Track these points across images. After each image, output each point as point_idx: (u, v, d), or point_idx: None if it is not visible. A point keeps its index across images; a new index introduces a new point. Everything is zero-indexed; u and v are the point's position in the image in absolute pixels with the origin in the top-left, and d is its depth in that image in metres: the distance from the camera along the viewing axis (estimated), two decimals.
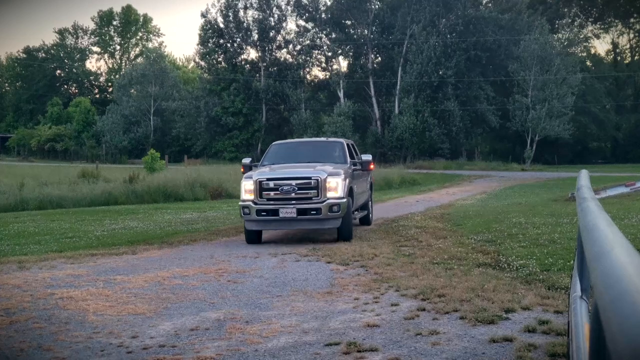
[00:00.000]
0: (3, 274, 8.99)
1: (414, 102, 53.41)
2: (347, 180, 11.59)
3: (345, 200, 11.25)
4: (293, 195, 11.27)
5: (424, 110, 53.51)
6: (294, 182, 11.30)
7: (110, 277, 8.62)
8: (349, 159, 12.80)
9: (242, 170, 13.01)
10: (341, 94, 58.78)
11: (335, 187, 11.25)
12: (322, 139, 16.21)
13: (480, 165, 50.88)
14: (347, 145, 13.68)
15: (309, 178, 11.31)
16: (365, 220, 14.24)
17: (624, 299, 1.00)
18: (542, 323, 5.55)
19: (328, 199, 11.17)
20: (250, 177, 11.54)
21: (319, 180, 11.20)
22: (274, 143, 14.51)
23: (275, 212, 11.25)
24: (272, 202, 11.34)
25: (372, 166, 13.34)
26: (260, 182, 11.36)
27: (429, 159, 52.52)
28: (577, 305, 2.87)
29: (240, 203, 11.57)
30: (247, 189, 11.48)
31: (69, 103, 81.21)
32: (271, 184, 11.37)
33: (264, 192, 11.33)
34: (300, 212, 11.18)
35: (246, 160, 13.28)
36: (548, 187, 28.29)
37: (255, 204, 11.30)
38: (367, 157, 13.20)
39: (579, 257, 3.37)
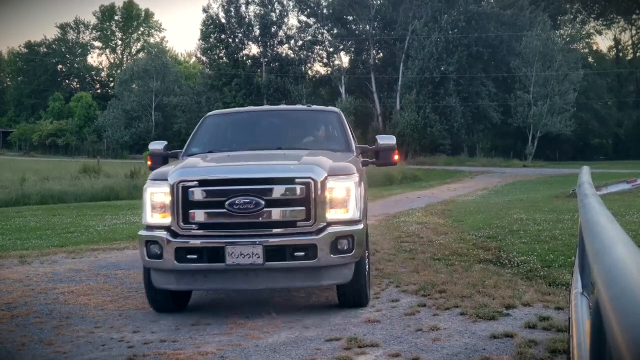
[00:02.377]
0: (4, 269, 9.01)
1: (416, 98, 53.33)
2: (362, 185, 6.42)
3: (362, 225, 6.05)
4: (256, 216, 5.78)
5: (425, 106, 53.43)
6: (257, 188, 5.79)
7: (112, 271, 8.63)
8: (353, 143, 7.68)
9: (148, 163, 7.70)
10: (342, 90, 58.72)
11: (345, 198, 5.95)
12: (302, 107, 9.06)
13: (482, 161, 50.83)
14: (345, 117, 8.36)
15: (291, 180, 5.83)
16: None
17: (624, 295, 1.00)
18: (542, 319, 5.55)
19: (330, 223, 5.85)
20: (164, 179, 5.99)
21: (311, 183, 5.78)
22: (209, 114, 8.52)
23: (216, 255, 5.76)
24: (209, 233, 5.88)
25: (396, 157, 7.78)
26: (186, 188, 5.83)
27: (430, 155, 52.50)
28: (578, 302, 2.87)
29: (142, 234, 5.99)
30: (155, 202, 6.01)
31: (70, 98, 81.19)
32: (209, 192, 5.86)
33: (193, 211, 5.85)
34: (272, 253, 5.71)
35: (157, 146, 7.65)
36: (549, 183, 28.27)
37: (175, 235, 5.84)
38: (387, 139, 7.72)
39: (580, 253, 3.37)
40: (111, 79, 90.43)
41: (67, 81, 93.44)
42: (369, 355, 4.83)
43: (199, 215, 5.87)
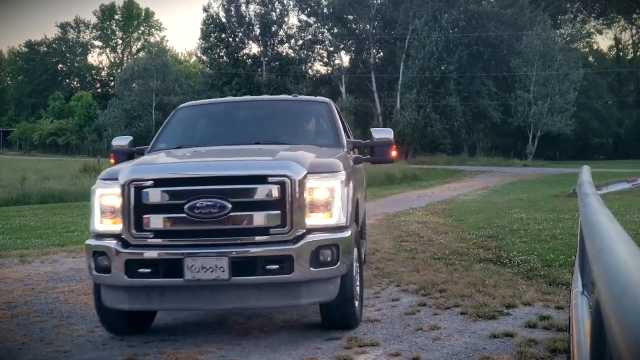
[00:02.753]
0: (5, 268, 9.01)
1: (416, 98, 53.32)
2: (351, 184, 5.42)
3: (349, 233, 5.15)
4: (221, 222, 4.91)
5: (425, 106, 53.42)
6: (222, 189, 4.94)
7: None
8: (344, 137, 6.68)
9: (111, 161, 6.65)
10: (343, 89, 58.72)
11: (328, 200, 5.07)
12: (288, 97, 8.11)
13: (482, 160, 50.82)
14: (337, 110, 7.33)
15: (263, 179, 4.98)
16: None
17: (625, 294, 1.00)
18: (543, 319, 5.55)
19: (310, 230, 5.01)
20: (115, 178, 5.15)
21: (287, 183, 4.93)
22: (182, 105, 7.55)
23: (174, 269, 4.92)
24: (166, 242, 5.04)
25: (394, 153, 6.73)
26: (139, 188, 5.00)
27: (430, 155, 52.48)
28: (578, 301, 2.87)
29: (90, 243, 5.18)
30: (105, 206, 5.16)
31: (70, 97, 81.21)
32: (166, 193, 5.01)
33: (147, 216, 4.99)
34: (240, 266, 4.88)
35: (121, 141, 6.89)
36: (549, 182, 28.27)
37: (126, 245, 5.02)
38: (384, 133, 6.70)
39: (580, 253, 3.37)
40: (111, 78, 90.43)
41: (67, 80, 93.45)
42: (369, 355, 4.83)
43: (154, 221, 4.95)
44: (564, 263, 7.88)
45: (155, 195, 4.99)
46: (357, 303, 5.53)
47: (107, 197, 5.15)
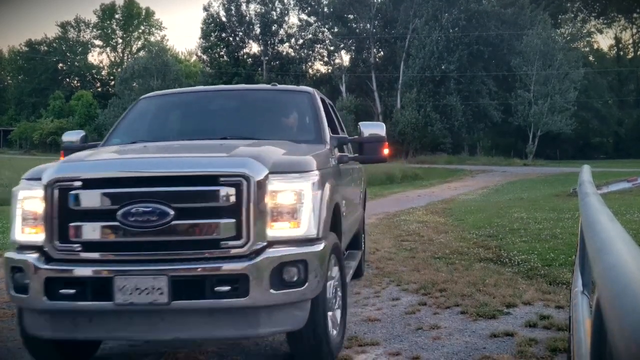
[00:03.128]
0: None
1: (416, 97, 53.36)
2: (327, 187, 4.54)
3: (322, 246, 4.26)
4: (160, 232, 3.99)
5: (426, 105, 53.45)
6: (163, 192, 4.04)
7: None
8: (327, 133, 5.68)
9: (61, 157, 5.56)
10: (343, 89, 58.75)
11: (295, 205, 4.21)
12: (266, 86, 7.26)
13: (482, 160, 50.83)
14: (323, 101, 6.44)
15: (213, 179, 4.05)
16: (357, 268, 6.97)
17: (625, 294, 1.00)
18: (543, 318, 5.55)
19: (272, 243, 4.12)
20: (38, 178, 4.29)
21: (243, 184, 4.04)
22: (145, 95, 6.64)
23: (102, 290, 4.00)
24: (94, 257, 4.12)
25: (385, 151, 5.70)
26: (65, 190, 4.11)
27: (431, 154, 52.49)
28: (578, 301, 2.87)
29: (8, 256, 4.34)
30: (27, 211, 4.30)
31: (71, 96, 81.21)
32: (95, 196, 4.13)
33: (73, 224, 4.08)
34: (183, 287, 3.96)
35: (72, 137, 6.07)
36: (550, 182, 28.26)
37: (48, 259, 4.14)
38: (374, 128, 5.73)
39: (580, 252, 3.37)
40: (112, 77, 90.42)
41: (67, 80, 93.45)
42: (370, 354, 4.83)
43: (82, 230, 4.04)
44: (564, 262, 7.88)
45: (82, 199, 4.07)
46: (334, 332, 4.58)
47: (29, 200, 4.26)
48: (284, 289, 4.02)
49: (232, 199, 3.99)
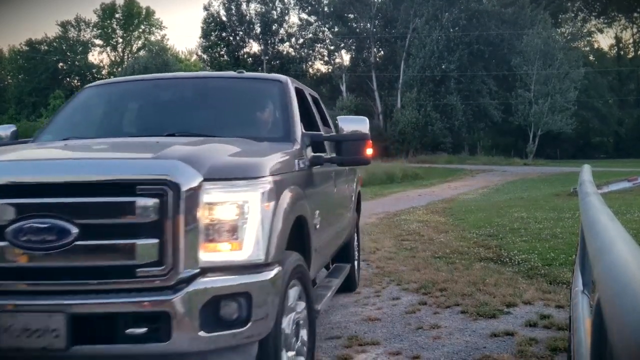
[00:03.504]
0: None
1: (417, 96, 53.35)
2: (287, 197, 3.65)
3: (273, 273, 3.33)
4: (59, 256, 3.03)
5: (426, 105, 53.44)
6: (63, 203, 3.07)
7: None
8: (299, 129, 4.68)
9: None
10: (343, 88, 58.76)
11: (235, 222, 3.24)
12: (232, 73, 5.59)
13: (483, 159, 50.77)
14: (301, 92, 5.51)
15: (128, 188, 3.09)
16: (347, 282, 6.55)
17: (625, 293, 1.00)
18: (543, 317, 5.55)
19: (205, 270, 3.15)
20: None
21: (168, 194, 3.08)
22: (90, 84, 5.78)
23: None
24: None
25: (369, 151, 4.58)
26: None
27: (431, 153, 52.45)
28: (578, 300, 2.87)
29: None
30: None
31: (71, 96, 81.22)
32: None
33: None
34: (86, 328, 3.02)
35: (1, 132, 5.53)
36: (550, 181, 28.25)
37: None
38: (354, 123, 5.09)
39: (581, 251, 3.37)
40: (112, 77, 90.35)
41: (68, 79, 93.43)
42: (370, 354, 4.83)
43: None
44: (565, 262, 7.88)
45: None
46: None
47: None
48: (219, 331, 3.11)
49: (153, 213, 3.03)
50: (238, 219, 3.23)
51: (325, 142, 5.15)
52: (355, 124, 4.96)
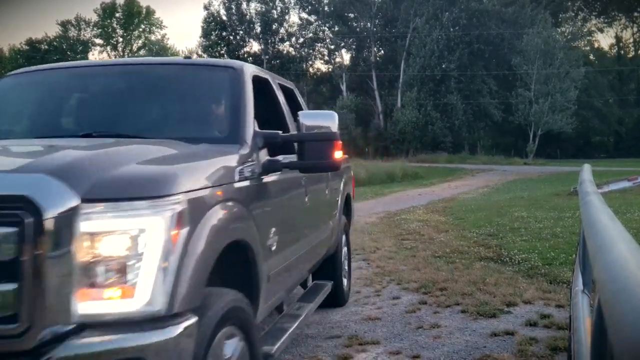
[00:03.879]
0: None
1: (417, 96, 53.39)
2: (213, 218, 2.64)
3: (182, 327, 2.32)
4: None
5: (426, 104, 53.47)
6: None
7: None
8: (250, 127, 3.64)
9: None
10: (344, 87, 58.77)
11: (124, 260, 2.25)
12: (176, 59, 4.88)
13: (483, 159, 50.78)
14: (264, 82, 4.66)
15: None
16: (334, 298, 6.04)
17: (626, 293, 1.00)
18: (543, 317, 5.55)
19: (82, 326, 2.18)
20: None
21: (29, 223, 2.09)
22: (12, 72, 4.68)
23: None
24: None
25: (337, 154, 3.58)
26: None
27: (431, 153, 52.46)
28: (579, 299, 2.87)
29: None
30: None
31: None
32: None
33: None
34: None
35: None
36: (550, 181, 28.25)
37: None
38: (318, 119, 3.68)
39: (581, 251, 3.37)
40: None
41: None
42: (370, 353, 4.83)
43: None
44: (565, 261, 7.88)
45: None
46: None
47: None
48: None
49: (6, 247, 2.13)
50: (130, 254, 2.29)
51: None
52: (319, 120, 3.73)
